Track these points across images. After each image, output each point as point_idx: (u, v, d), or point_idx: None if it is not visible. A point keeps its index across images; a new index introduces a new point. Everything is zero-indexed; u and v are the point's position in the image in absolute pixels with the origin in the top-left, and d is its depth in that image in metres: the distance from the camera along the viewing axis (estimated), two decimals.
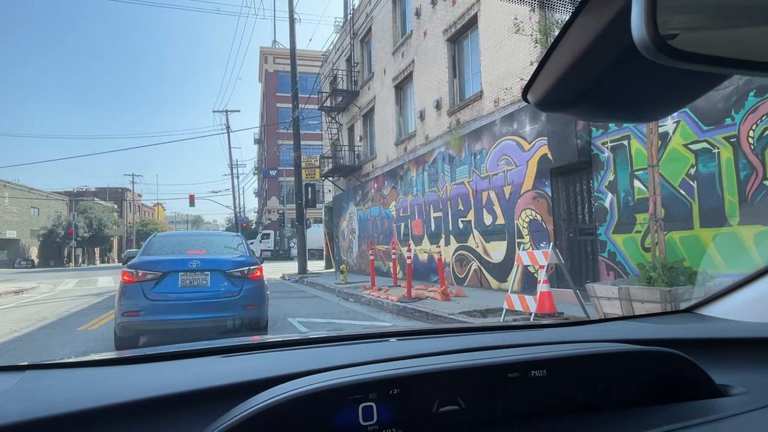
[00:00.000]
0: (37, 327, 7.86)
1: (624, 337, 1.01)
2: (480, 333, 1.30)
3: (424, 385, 0.72)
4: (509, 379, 0.75)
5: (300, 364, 0.85)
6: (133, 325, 5.11)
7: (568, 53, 0.53)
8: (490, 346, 0.96)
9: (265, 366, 0.90)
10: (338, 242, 21.48)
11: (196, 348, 1.11)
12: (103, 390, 0.77)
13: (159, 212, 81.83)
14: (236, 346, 1.12)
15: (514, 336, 1.20)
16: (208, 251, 5.95)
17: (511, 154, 9.34)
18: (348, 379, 0.70)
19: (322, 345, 1.17)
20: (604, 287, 4.65)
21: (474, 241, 10.70)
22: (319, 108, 21.18)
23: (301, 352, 1.09)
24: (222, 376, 0.82)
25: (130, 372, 0.95)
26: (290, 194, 39.82)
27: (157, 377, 0.88)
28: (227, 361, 0.99)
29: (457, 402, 0.73)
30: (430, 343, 1.13)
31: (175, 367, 0.98)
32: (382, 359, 0.86)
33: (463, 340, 1.13)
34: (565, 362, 0.79)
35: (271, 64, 45.13)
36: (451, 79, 11.89)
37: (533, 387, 0.76)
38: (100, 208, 53.25)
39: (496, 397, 0.75)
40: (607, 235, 7.22)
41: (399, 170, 14.84)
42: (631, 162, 6.84)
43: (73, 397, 0.72)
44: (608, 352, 0.82)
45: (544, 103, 0.61)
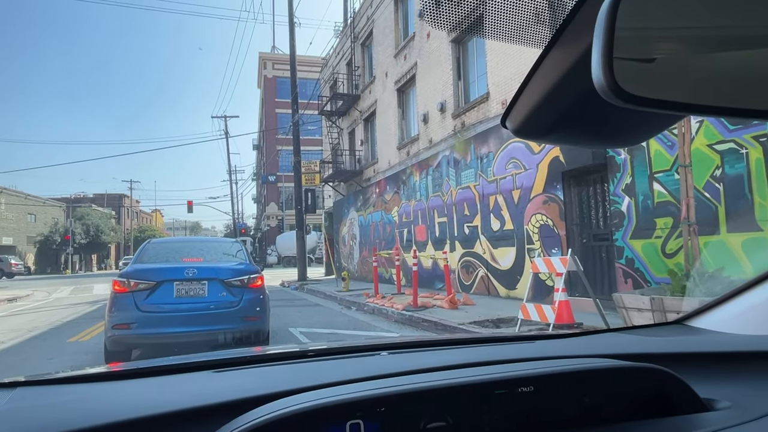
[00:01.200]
0: (27, 338, 7.49)
1: (613, 351, 1.02)
2: (470, 346, 1.29)
3: (411, 402, 0.73)
4: (497, 395, 0.76)
5: (290, 381, 0.86)
6: (124, 338, 4.74)
7: (543, 84, 0.55)
8: (479, 362, 0.96)
9: (254, 383, 0.90)
10: (338, 248, 21.12)
11: (187, 362, 1.10)
12: (92, 409, 0.78)
13: (157, 218, 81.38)
14: (228, 360, 1.12)
15: (504, 350, 1.19)
16: (206, 259, 5.60)
17: (520, 157, 9.02)
18: (335, 399, 0.70)
19: (313, 359, 1.16)
20: (634, 297, 4.31)
21: (481, 247, 10.36)
22: (320, 112, 20.90)
23: (292, 368, 1.07)
24: (212, 394, 0.82)
25: (119, 389, 0.94)
26: (289, 200, 39.48)
27: (146, 395, 0.88)
28: (218, 377, 0.98)
29: (445, 419, 0.74)
30: (420, 357, 1.13)
31: (166, 383, 0.97)
32: (371, 376, 0.86)
33: (453, 355, 1.13)
34: (552, 379, 0.80)
35: (270, 69, 44.95)
36: (456, 81, 11.60)
37: (521, 403, 0.77)
38: (98, 215, 52.81)
39: (483, 414, 0.75)
40: (624, 241, 6.89)
41: (401, 175, 14.52)
42: (650, 164, 6.53)
43: (62, 417, 0.72)
44: (595, 369, 0.83)
45: (521, 130, 0.62)
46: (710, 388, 0.88)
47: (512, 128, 0.63)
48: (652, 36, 0.48)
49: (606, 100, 0.45)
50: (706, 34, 0.48)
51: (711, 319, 1.19)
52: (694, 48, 0.48)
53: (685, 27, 0.47)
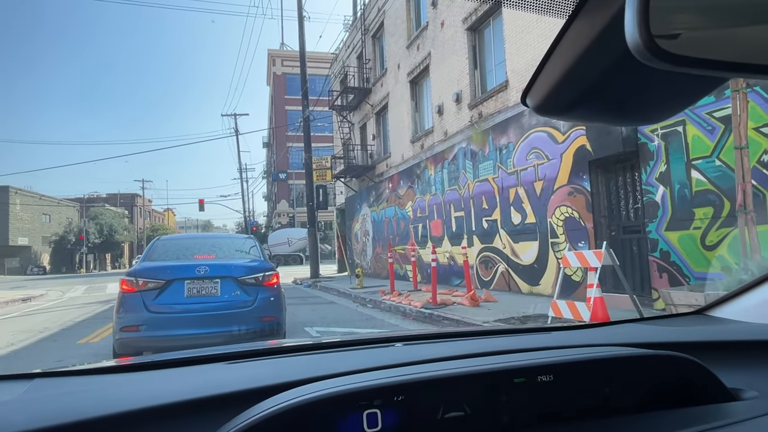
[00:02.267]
0: (37, 339, 7.31)
1: (633, 340, 0.99)
2: (487, 337, 1.26)
3: (429, 391, 0.72)
4: (515, 384, 0.74)
5: (305, 371, 0.85)
6: (132, 341, 4.46)
7: (566, 57, 0.52)
8: (497, 350, 0.95)
9: (269, 373, 0.89)
10: (351, 245, 20.84)
11: (201, 354, 1.10)
12: (108, 398, 0.78)
13: (169, 217, 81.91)
14: (241, 352, 1.12)
15: (522, 340, 1.16)
16: (218, 256, 5.31)
17: (542, 146, 8.62)
18: (352, 386, 0.69)
19: (327, 351, 1.14)
20: (685, 294, 3.94)
21: (501, 242, 9.98)
22: (330, 107, 20.59)
23: (307, 358, 1.05)
24: (226, 383, 0.81)
25: (135, 380, 0.95)
26: (300, 197, 39.29)
27: (161, 385, 0.87)
28: (232, 367, 0.98)
29: (463, 408, 0.72)
30: (436, 347, 1.11)
31: (181, 374, 0.97)
32: (388, 365, 0.83)
33: (470, 345, 1.11)
34: (573, 367, 0.78)
35: (279, 66, 44.75)
36: (472, 71, 11.20)
37: (540, 392, 0.75)
38: (111, 214, 53.21)
39: (502, 403, 0.74)
40: (658, 233, 6.49)
41: (415, 169, 14.17)
42: (687, 150, 6.11)
43: (78, 406, 0.73)
44: (616, 357, 0.81)
45: (543, 107, 0.60)
46: (735, 378, 0.86)
47: (533, 105, 0.61)
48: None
49: (642, 61, 0.41)
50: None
51: (732, 309, 1.18)
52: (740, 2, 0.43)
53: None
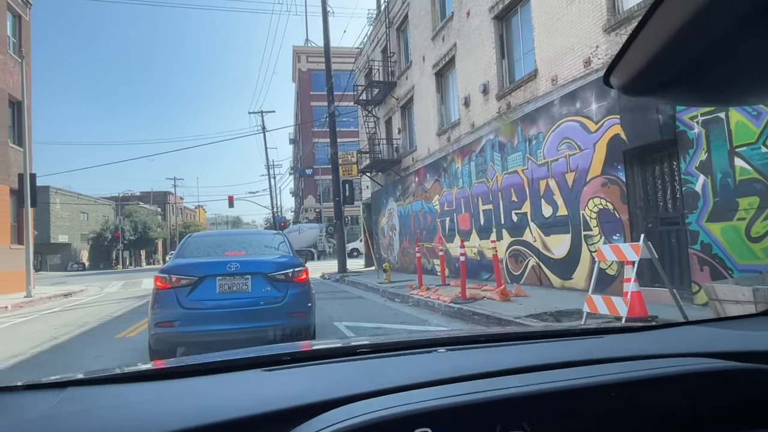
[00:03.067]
0: (77, 333, 7.58)
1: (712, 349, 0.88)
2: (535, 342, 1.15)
3: (486, 411, 0.67)
4: (579, 401, 0.69)
5: (346, 385, 0.80)
6: (167, 336, 4.55)
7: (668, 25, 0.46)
8: (555, 363, 0.85)
9: (309, 386, 0.86)
10: (377, 239, 20.85)
11: (236, 359, 1.07)
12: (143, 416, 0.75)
13: (200, 214, 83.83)
14: (279, 357, 1.10)
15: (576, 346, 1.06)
16: (248, 252, 5.36)
17: (573, 136, 8.38)
18: (404, 409, 0.65)
19: (366, 357, 1.10)
20: (731, 288, 3.75)
21: (531, 235, 9.78)
22: (355, 102, 20.58)
23: (346, 367, 1.02)
24: (268, 399, 0.78)
25: (169, 391, 0.91)
26: (327, 192, 39.55)
27: (199, 399, 0.84)
28: (270, 377, 0.95)
29: (521, 426, 0.67)
30: (484, 355, 1.05)
31: (216, 384, 0.93)
32: (437, 380, 0.78)
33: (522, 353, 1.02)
34: (645, 384, 0.70)
35: (304, 62, 45.01)
36: (500, 60, 10.97)
37: (609, 409, 0.69)
38: (145, 212, 54.78)
39: (566, 421, 0.68)
40: (699, 224, 6.21)
41: (442, 162, 14.02)
42: (730, 137, 5.81)
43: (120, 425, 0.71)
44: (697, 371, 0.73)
45: (631, 87, 0.55)
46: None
47: (618, 85, 0.56)
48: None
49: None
50: None
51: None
52: None
53: None
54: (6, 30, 17.41)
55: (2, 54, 16.98)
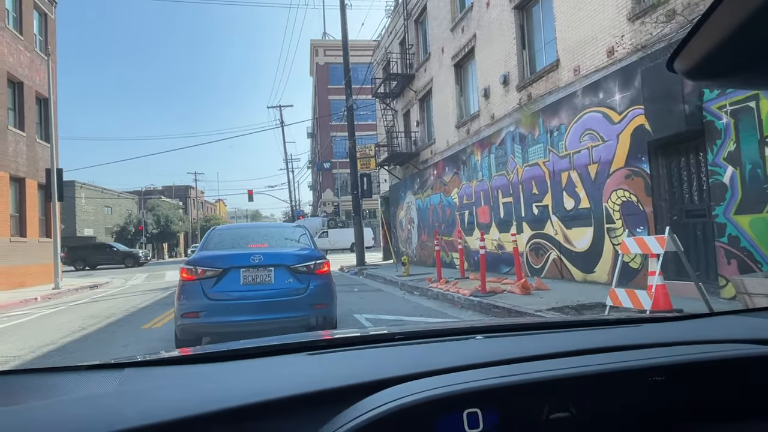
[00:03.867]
0: (105, 324, 7.80)
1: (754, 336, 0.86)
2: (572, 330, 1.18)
3: (533, 391, 0.69)
4: (624, 384, 0.70)
5: (392, 367, 0.82)
6: (193, 327, 4.66)
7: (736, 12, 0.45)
8: (598, 348, 0.85)
9: (359, 367, 0.88)
10: (396, 232, 20.87)
11: (281, 343, 1.11)
12: (206, 392, 0.78)
13: (220, 208, 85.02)
14: (321, 341, 1.13)
15: (619, 334, 1.06)
16: (270, 244, 5.43)
17: (596, 127, 8.24)
18: (456, 388, 0.67)
19: (407, 342, 1.10)
20: (761, 281, 3.66)
21: (552, 228, 9.67)
22: (373, 95, 20.55)
23: (388, 351, 1.02)
24: (322, 377, 0.81)
25: (225, 372, 0.92)
26: (344, 186, 39.69)
27: (258, 379, 0.87)
28: (315, 360, 0.97)
29: (568, 409, 0.69)
30: (523, 342, 1.05)
31: (271, 365, 0.97)
32: (483, 363, 0.80)
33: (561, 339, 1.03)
34: (689, 367, 0.71)
35: (322, 56, 45.04)
36: (520, 51, 10.82)
37: (648, 393, 0.71)
38: (167, 206, 55.77)
39: (610, 404, 0.70)
40: (726, 217, 6.07)
41: (461, 154, 13.93)
42: (760, 127, 5.65)
43: (179, 401, 0.74)
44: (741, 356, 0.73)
45: (697, 72, 0.54)
46: None
47: (683, 70, 0.55)
48: None
49: None
50: None
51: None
52: None
53: None
54: (33, 28, 17.84)
55: (29, 52, 17.41)
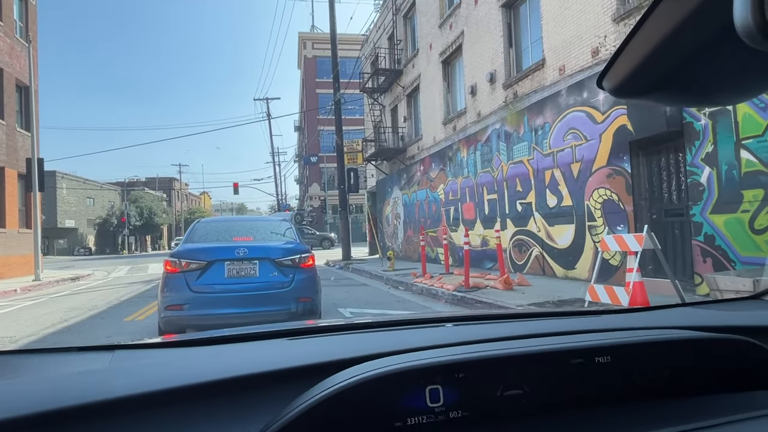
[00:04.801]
0: (87, 316, 7.72)
1: (690, 324, 0.97)
2: (539, 319, 1.25)
3: (490, 369, 0.73)
4: (573, 365, 0.75)
5: (367, 348, 0.87)
6: (177, 319, 4.65)
7: (652, 37, 0.51)
8: (554, 332, 0.95)
9: (333, 348, 0.92)
10: (382, 228, 20.94)
11: (266, 330, 1.15)
12: (192, 369, 0.82)
13: (205, 200, 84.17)
14: (301, 329, 1.18)
15: (577, 322, 1.16)
16: (255, 238, 5.44)
17: (580, 127, 8.37)
18: (418, 363, 0.71)
19: (382, 329, 1.17)
20: (732, 279, 3.80)
21: (535, 225, 9.82)
22: (361, 90, 20.52)
23: (365, 336, 1.09)
24: (296, 357, 0.84)
25: (207, 353, 0.97)
26: (331, 180, 39.58)
27: (234, 358, 0.91)
28: (296, 343, 1.03)
29: (521, 386, 0.74)
30: (488, 328, 1.13)
31: (248, 349, 1.01)
32: (446, 344, 0.85)
33: (523, 326, 1.11)
34: (631, 349, 0.79)
35: (310, 49, 44.73)
36: (507, 49, 10.91)
37: (597, 373, 0.77)
38: (150, 198, 55.07)
39: (560, 383, 0.75)
40: (703, 216, 6.24)
41: (447, 151, 14.02)
42: (736, 130, 5.81)
43: (166, 375, 0.78)
44: (675, 339, 0.81)
45: (621, 89, 0.59)
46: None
47: (610, 88, 0.60)
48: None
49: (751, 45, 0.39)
50: None
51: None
52: None
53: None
54: (13, 14, 17.42)
55: (9, 38, 17.00)
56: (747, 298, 1.30)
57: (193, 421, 0.70)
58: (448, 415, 0.71)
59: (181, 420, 0.70)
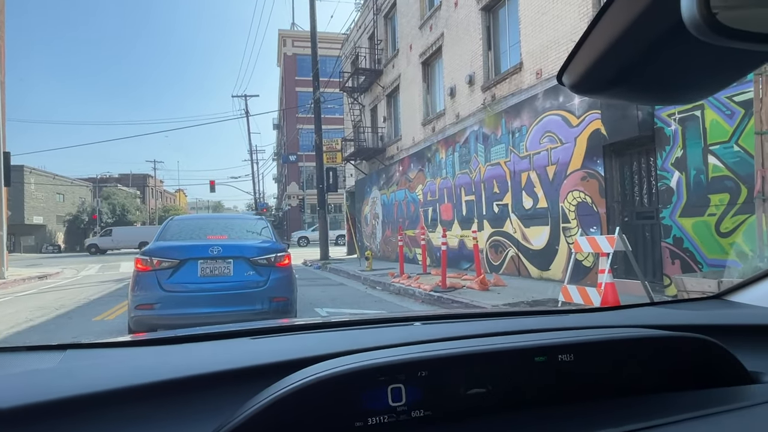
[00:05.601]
0: (53, 316, 7.47)
1: (653, 322, 1.00)
2: (505, 318, 1.27)
3: (453, 367, 0.73)
4: (536, 363, 0.76)
5: (329, 346, 0.86)
6: (147, 319, 4.54)
7: (608, 33, 0.52)
8: (518, 330, 0.96)
9: (294, 347, 0.91)
10: (361, 228, 20.90)
11: (226, 330, 1.13)
12: (142, 368, 0.80)
13: (180, 198, 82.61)
14: (264, 328, 1.15)
15: (542, 321, 1.18)
16: (230, 236, 5.35)
17: (555, 130, 8.51)
18: (378, 361, 0.70)
19: (348, 328, 1.17)
20: (698, 280, 3.91)
21: (511, 226, 9.94)
22: (341, 89, 20.44)
23: (329, 335, 1.08)
24: (255, 356, 0.83)
25: (164, 352, 0.96)
26: (310, 179, 39.32)
27: (190, 357, 0.89)
28: (257, 342, 1.01)
29: (485, 384, 0.74)
30: (455, 327, 1.13)
31: (209, 347, 1.00)
32: (411, 342, 0.85)
33: (489, 325, 1.12)
34: (593, 347, 0.80)
35: (290, 47, 44.36)
36: (486, 52, 11.02)
37: (560, 371, 0.77)
38: (123, 195, 53.74)
39: (523, 381, 0.76)
40: (672, 219, 6.41)
41: (426, 152, 14.08)
42: (704, 135, 5.99)
43: (115, 375, 0.76)
44: (636, 337, 0.83)
45: (580, 85, 0.60)
46: (755, 362, 0.86)
47: (569, 84, 0.60)
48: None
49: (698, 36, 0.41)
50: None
51: (752, 294, 1.18)
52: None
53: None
54: None
55: None
56: (708, 297, 1.33)
57: (140, 423, 0.68)
58: (410, 415, 0.70)
59: (126, 422, 0.68)
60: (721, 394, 0.77)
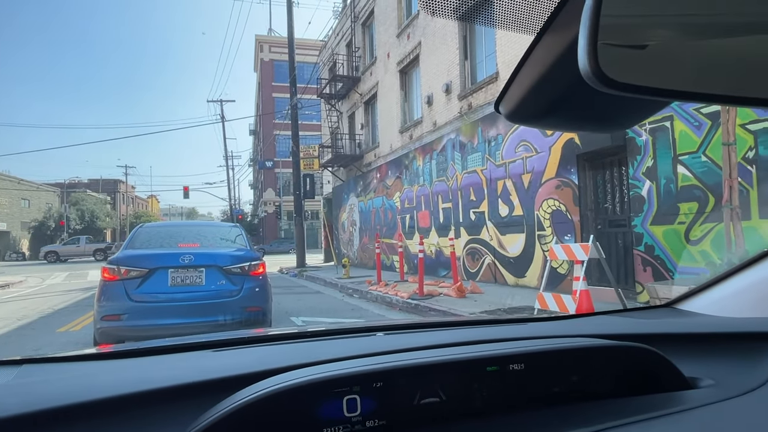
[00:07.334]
0: (15, 327, 7.14)
1: (603, 332, 1.04)
2: (465, 327, 1.31)
3: (407, 378, 0.74)
4: (488, 372, 0.78)
5: (287, 359, 0.87)
6: (114, 330, 4.36)
7: (535, 70, 0.56)
8: (472, 341, 0.99)
9: (252, 361, 0.91)
10: (338, 235, 20.77)
11: (185, 342, 1.12)
12: (96, 384, 0.79)
13: (153, 204, 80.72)
14: (226, 340, 1.14)
15: (498, 330, 1.22)
16: (203, 244, 5.21)
17: (531, 139, 8.63)
18: (332, 373, 0.71)
19: (311, 339, 1.17)
20: (669, 288, 3.98)
21: (488, 234, 10.01)
22: (318, 95, 20.36)
23: (290, 347, 1.08)
24: (210, 370, 0.83)
25: (121, 366, 0.96)
26: (287, 186, 38.97)
27: (147, 371, 0.89)
28: (217, 355, 1.01)
29: (438, 394, 0.76)
30: (415, 337, 1.15)
31: (165, 361, 0.99)
32: (368, 353, 0.87)
33: (448, 335, 1.14)
34: (542, 356, 0.82)
35: (267, 53, 44.09)
36: (463, 61, 11.14)
37: (512, 380, 0.79)
38: (93, 200, 52.21)
39: (475, 390, 0.78)
40: (643, 227, 6.55)
41: (404, 159, 14.11)
42: (674, 146, 6.16)
43: (68, 391, 0.74)
44: (583, 347, 0.86)
45: (514, 115, 0.63)
46: (694, 367, 0.92)
47: (505, 113, 0.64)
48: (639, 22, 0.47)
49: (591, 86, 0.45)
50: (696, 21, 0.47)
51: (699, 303, 1.24)
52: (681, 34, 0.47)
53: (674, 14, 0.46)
54: None
55: None
56: (660, 306, 1.38)
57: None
58: (364, 425, 0.71)
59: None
60: (660, 400, 0.81)
